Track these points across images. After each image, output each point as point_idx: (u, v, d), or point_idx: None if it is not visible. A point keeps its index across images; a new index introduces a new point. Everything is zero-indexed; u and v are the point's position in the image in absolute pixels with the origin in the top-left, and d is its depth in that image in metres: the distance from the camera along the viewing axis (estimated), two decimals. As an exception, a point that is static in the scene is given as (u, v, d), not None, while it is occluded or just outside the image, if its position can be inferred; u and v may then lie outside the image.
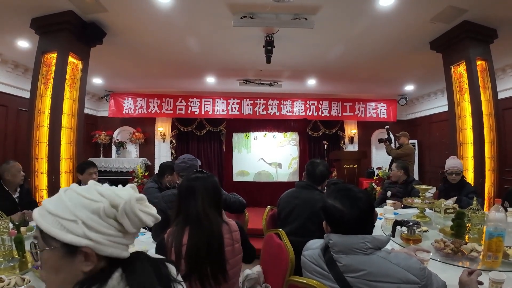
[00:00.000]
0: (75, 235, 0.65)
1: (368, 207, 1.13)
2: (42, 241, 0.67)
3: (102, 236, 0.66)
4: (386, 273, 1.02)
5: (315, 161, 2.35)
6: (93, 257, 0.66)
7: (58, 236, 0.64)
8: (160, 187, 2.88)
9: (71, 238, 0.64)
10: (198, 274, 1.29)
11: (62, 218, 0.66)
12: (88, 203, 0.68)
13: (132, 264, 0.70)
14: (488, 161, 3.60)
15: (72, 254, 0.66)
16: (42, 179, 3.32)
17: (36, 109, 3.36)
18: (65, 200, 0.68)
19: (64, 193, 0.70)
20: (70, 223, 0.65)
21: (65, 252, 0.65)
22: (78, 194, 0.69)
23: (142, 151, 7.45)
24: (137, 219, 0.70)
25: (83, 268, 0.66)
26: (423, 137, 7.40)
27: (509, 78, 4.93)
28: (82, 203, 0.68)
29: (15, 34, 3.78)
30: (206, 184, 1.46)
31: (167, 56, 4.72)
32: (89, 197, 0.68)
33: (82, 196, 0.69)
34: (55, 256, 0.66)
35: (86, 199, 0.68)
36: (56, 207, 0.67)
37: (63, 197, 0.69)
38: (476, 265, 1.54)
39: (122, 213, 0.68)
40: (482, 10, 3.17)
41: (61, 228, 0.65)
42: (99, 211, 0.67)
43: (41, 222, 0.66)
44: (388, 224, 2.22)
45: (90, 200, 0.68)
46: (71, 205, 0.67)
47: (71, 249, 0.65)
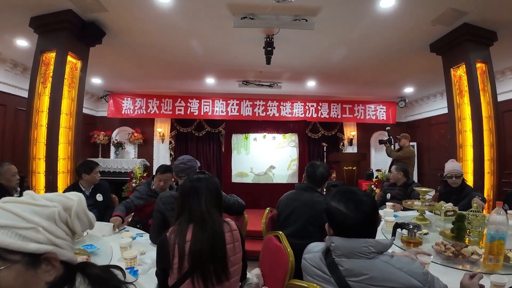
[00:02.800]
0: (38, 243, 0.61)
1: (373, 211, 1.11)
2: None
3: (61, 241, 0.65)
4: (389, 278, 1.01)
5: (315, 163, 2.34)
6: (56, 262, 0.63)
7: (21, 247, 0.59)
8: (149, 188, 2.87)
9: (35, 246, 0.60)
10: (200, 271, 1.30)
11: (19, 227, 0.60)
12: (40, 209, 0.64)
13: (87, 268, 0.69)
14: (487, 164, 3.60)
15: (35, 265, 0.61)
16: (40, 179, 3.29)
17: (34, 108, 3.33)
18: (14, 210, 0.62)
19: (5, 205, 0.64)
20: (29, 231, 0.61)
21: (27, 264, 0.60)
22: (24, 204, 0.64)
23: (141, 152, 7.43)
24: (87, 220, 0.70)
25: (46, 277, 0.62)
26: (422, 140, 7.41)
27: (509, 81, 4.94)
28: (34, 210, 0.64)
29: (14, 32, 3.77)
30: (208, 184, 1.48)
31: (166, 57, 4.71)
32: (38, 203, 0.65)
33: (30, 204, 0.65)
34: (16, 272, 0.59)
35: (36, 206, 0.64)
36: (6, 219, 0.61)
37: (8, 207, 0.63)
38: (477, 268, 1.53)
39: (75, 215, 0.67)
40: (482, 12, 3.18)
41: (21, 238, 0.60)
42: (54, 216, 0.65)
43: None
44: (388, 226, 2.21)
45: (41, 206, 0.65)
46: (24, 213, 0.62)
47: (34, 259, 0.61)
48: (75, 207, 0.67)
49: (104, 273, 0.71)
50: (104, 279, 0.69)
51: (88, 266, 0.71)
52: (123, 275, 0.74)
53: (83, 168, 2.93)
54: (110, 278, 0.70)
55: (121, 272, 0.75)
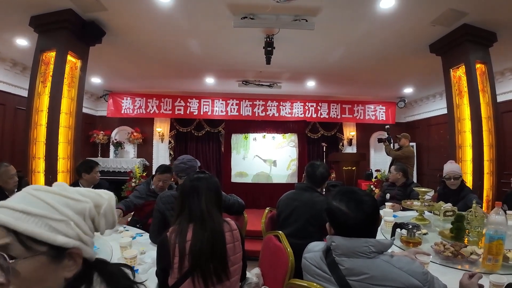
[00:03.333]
0: (67, 237, 0.60)
1: (373, 211, 1.12)
2: (20, 247, 0.56)
3: (87, 237, 0.64)
4: (389, 277, 1.01)
5: (315, 163, 2.34)
6: (80, 258, 0.62)
7: (50, 238, 0.57)
8: (148, 188, 2.87)
9: (63, 240, 0.59)
10: (201, 271, 1.30)
11: (50, 218, 0.59)
12: (73, 203, 0.63)
13: (102, 266, 0.68)
14: (486, 164, 3.61)
15: (58, 259, 0.59)
16: (39, 178, 3.29)
17: (34, 107, 3.33)
18: (47, 200, 0.61)
19: (38, 193, 0.62)
20: (60, 223, 0.60)
21: (51, 257, 0.58)
22: (57, 195, 0.63)
23: (140, 152, 7.43)
24: (112, 220, 0.69)
25: (66, 273, 0.60)
26: (421, 140, 7.42)
27: (508, 82, 4.95)
28: (67, 203, 0.63)
29: (14, 32, 3.76)
30: (208, 184, 1.48)
31: (166, 56, 4.71)
32: (72, 196, 0.64)
33: (63, 196, 0.63)
34: (38, 263, 0.57)
35: (69, 199, 0.63)
36: (38, 208, 0.59)
37: (41, 197, 0.61)
38: (476, 268, 1.54)
39: (103, 214, 0.67)
40: (482, 13, 3.19)
41: (51, 229, 0.58)
42: (84, 212, 0.64)
43: (23, 225, 0.56)
44: (387, 226, 2.21)
45: (74, 200, 0.64)
46: (57, 205, 0.61)
47: (59, 252, 0.59)
48: (105, 206, 0.67)
49: (118, 271, 0.70)
50: (118, 279, 0.68)
51: (104, 264, 0.70)
52: (133, 275, 0.74)
53: (83, 168, 2.93)
54: (123, 277, 0.70)
55: (130, 271, 0.75)
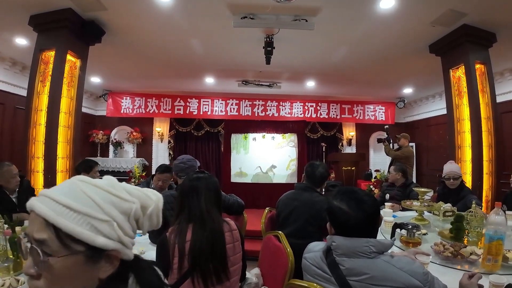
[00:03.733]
0: (107, 238, 0.56)
1: (374, 211, 1.12)
2: (58, 244, 0.53)
3: (127, 238, 0.60)
4: (390, 277, 1.01)
5: (315, 163, 2.34)
6: (117, 261, 0.59)
7: (90, 239, 0.54)
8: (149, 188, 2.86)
9: (104, 242, 0.55)
10: (200, 271, 1.30)
11: (93, 217, 0.55)
12: (119, 201, 0.59)
13: (137, 266, 0.65)
14: (486, 164, 3.61)
15: (95, 260, 0.56)
16: (38, 178, 3.28)
17: (33, 107, 3.32)
18: (93, 196, 0.57)
19: (84, 186, 0.58)
20: (102, 224, 0.56)
21: (88, 257, 0.55)
22: (104, 190, 0.59)
23: (140, 151, 7.42)
24: (156, 222, 0.66)
25: (101, 274, 0.57)
26: (421, 140, 7.43)
27: (507, 82, 4.96)
28: (113, 201, 0.59)
29: (13, 31, 3.75)
30: (208, 184, 1.48)
31: (166, 56, 4.71)
32: (119, 195, 0.60)
33: (110, 193, 0.59)
34: (73, 262, 0.54)
35: (116, 197, 0.59)
36: (82, 204, 0.55)
37: (87, 191, 0.57)
38: (475, 268, 1.54)
39: (149, 215, 0.63)
40: (482, 14, 3.19)
41: (93, 229, 0.55)
42: (129, 212, 0.60)
43: (63, 221, 0.53)
44: (387, 226, 2.21)
45: (121, 198, 0.60)
46: (102, 203, 0.57)
47: (97, 253, 0.56)
48: (151, 208, 0.63)
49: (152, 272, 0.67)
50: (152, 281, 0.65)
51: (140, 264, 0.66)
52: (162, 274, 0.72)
53: (82, 167, 2.92)
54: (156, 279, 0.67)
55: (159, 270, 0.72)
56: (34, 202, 0.56)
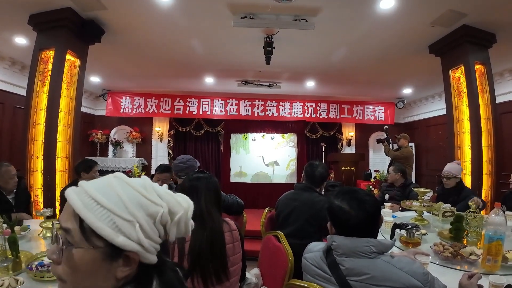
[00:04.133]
0: (127, 238, 0.55)
1: (375, 211, 1.12)
2: (80, 236, 0.55)
3: (150, 242, 0.59)
4: (390, 278, 1.01)
5: (314, 163, 2.34)
6: (134, 263, 0.58)
7: (110, 236, 0.54)
8: None
9: (123, 241, 0.55)
10: (200, 270, 1.30)
11: (118, 215, 0.55)
12: (147, 203, 0.58)
13: (161, 269, 0.64)
14: (485, 165, 3.62)
15: (113, 258, 0.56)
16: (38, 177, 3.28)
17: (32, 106, 3.32)
18: (121, 194, 0.57)
19: (115, 182, 0.59)
20: (126, 223, 0.55)
21: (106, 254, 0.55)
22: (134, 190, 0.59)
23: (139, 151, 7.41)
24: (184, 230, 0.64)
25: (118, 273, 0.57)
26: (420, 141, 7.43)
27: (507, 83, 4.97)
28: (141, 202, 0.58)
29: (13, 30, 3.75)
30: (208, 184, 1.48)
31: (166, 56, 4.70)
32: (149, 197, 0.59)
33: (140, 193, 0.59)
34: (92, 257, 0.55)
35: (145, 199, 0.58)
36: (110, 200, 0.56)
37: (116, 188, 0.58)
38: (475, 268, 1.54)
39: (176, 222, 0.61)
40: (482, 14, 3.19)
41: (114, 227, 0.55)
42: (156, 216, 0.59)
43: (89, 215, 0.54)
44: (387, 227, 2.21)
45: (150, 201, 0.59)
46: (129, 202, 0.57)
47: (116, 252, 0.56)
48: (180, 214, 0.61)
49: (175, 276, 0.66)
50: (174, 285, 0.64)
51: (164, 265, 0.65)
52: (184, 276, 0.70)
53: (82, 167, 2.91)
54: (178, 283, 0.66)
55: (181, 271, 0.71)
56: (70, 191, 0.57)
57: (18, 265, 1.52)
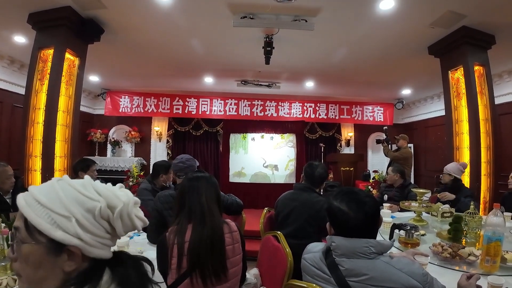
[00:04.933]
0: (65, 233, 0.60)
1: (374, 212, 1.12)
2: (25, 232, 0.61)
3: (91, 237, 0.62)
4: (389, 278, 1.01)
5: (314, 163, 2.34)
6: (78, 257, 0.61)
7: (48, 231, 0.59)
8: (154, 188, 2.84)
9: (61, 236, 0.59)
10: (200, 270, 1.29)
11: (54, 212, 0.60)
12: (84, 200, 0.63)
13: (118, 264, 0.66)
14: (484, 166, 3.63)
15: (56, 252, 0.60)
16: (36, 177, 3.26)
17: (31, 105, 3.31)
18: (59, 192, 0.62)
19: (57, 183, 0.64)
20: (62, 219, 0.60)
21: (49, 249, 0.60)
22: (73, 188, 0.64)
23: (138, 151, 7.39)
24: (130, 223, 0.67)
25: (65, 267, 0.61)
26: (419, 141, 7.45)
27: (506, 84, 4.98)
28: (78, 198, 0.62)
29: (12, 29, 3.73)
30: (208, 183, 1.48)
31: (165, 55, 4.70)
32: (86, 193, 0.63)
33: (77, 191, 0.63)
34: (37, 251, 0.60)
35: (82, 195, 0.63)
36: (48, 199, 0.61)
37: (56, 187, 0.63)
38: (474, 269, 1.54)
39: (118, 216, 0.64)
40: (481, 16, 3.20)
41: (52, 222, 0.60)
42: (94, 211, 0.62)
43: (29, 212, 0.60)
44: (385, 227, 2.21)
45: (86, 197, 0.63)
46: (65, 199, 0.61)
47: (57, 246, 0.60)
48: (119, 208, 0.64)
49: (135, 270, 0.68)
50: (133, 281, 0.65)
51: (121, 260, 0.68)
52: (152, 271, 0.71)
53: (80, 166, 2.91)
54: (140, 278, 0.67)
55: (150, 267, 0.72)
56: (19, 195, 0.63)
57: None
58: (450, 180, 3.11)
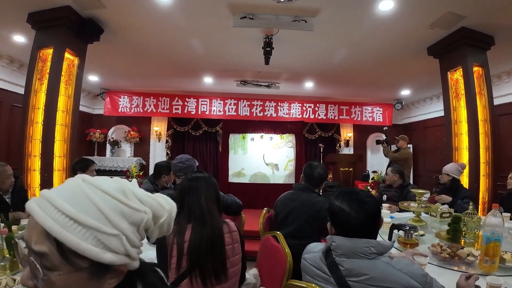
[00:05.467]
0: (115, 253, 0.50)
1: (375, 212, 1.13)
2: (60, 259, 0.47)
3: (135, 250, 0.54)
4: (389, 279, 1.02)
5: (313, 164, 2.34)
6: (123, 274, 0.54)
7: (96, 255, 0.48)
8: (156, 188, 2.84)
9: (111, 257, 0.49)
10: (199, 270, 1.29)
11: (101, 231, 0.48)
12: (129, 212, 0.52)
13: (143, 272, 0.60)
14: (483, 166, 3.64)
15: (100, 275, 0.51)
16: (35, 176, 3.26)
17: (30, 105, 3.30)
18: (101, 205, 0.50)
19: (90, 190, 0.51)
20: (111, 238, 0.49)
21: (92, 273, 0.50)
22: (112, 198, 0.52)
23: (137, 150, 7.38)
24: (166, 231, 0.61)
25: (105, 287, 0.53)
26: (418, 142, 7.46)
27: (505, 85, 4.99)
28: (123, 211, 0.52)
29: (11, 28, 3.73)
30: (207, 183, 1.48)
31: (164, 55, 4.69)
32: (130, 204, 0.53)
33: (120, 201, 0.52)
34: (77, 279, 0.49)
35: (127, 207, 0.52)
36: (89, 215, 0.49)
37: (93, 198, 0.50)
38: (472, 269, 1.54)
39: (159, 226, 0.58)
40: (480, 17, 3.21)
41: (99, 244, 0.48)
42: (140, 224, 0.54)
43: (66, 235, 0.47)
44: (384, 228, 2.21)
45: (131, 208, 0.53)
46: (111, 214, 0.50)
47: (103, 269, 0.50)
48: (164, 218, 0.58)
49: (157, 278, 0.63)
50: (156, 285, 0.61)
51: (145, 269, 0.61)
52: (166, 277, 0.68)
53: (79, 166, 2.90)
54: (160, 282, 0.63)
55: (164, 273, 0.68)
56: (34, 207, 0.49)
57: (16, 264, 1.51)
58: (448, 181, 3.13)
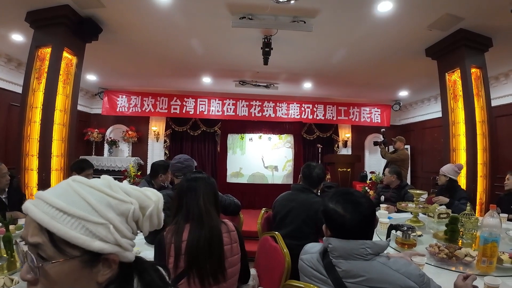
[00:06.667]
0: (104, 242, 0.54)
1: (370, 213, 1.12)
2: (52, 249, 0.52)
3: (126, 241, 0.58)
4: (386, 279, 1.02)
5: (312, 164, 2.34)
6: (115, 264, 0.57)
7: (85, 243, 0.52)
8: (153, 188, 2.82)
9: (100, 245, 0.53)
10: (197, 270, 1.29)
11: (89, 221, 0.53)
12: (116, 203, 0.57)
13: (141, 268, 0.63)
14: (480, 168, 3.65)
15: (92, 264, 0.54)
16: (32, 176, 3.25)
17: (28, 104, 3.28)
18: (87, 198, 0.55)
19: (78, 187, 0.56)
20: (98, 227, 0.54)
21: (85, 262, 0.54)
22: (99, 191, 0.57)
23: (135, 150, 7.37)
24: (157, 222, 0.64)
25: (99, 278, 0.56)
26: (415, 143, 7.49)
27: (502, 86, 5.02)
28: (109, 202, 0.57)
29: (10, 27, 3.71)
30: (206, 184, 1.48)
31: (163, 55, 4.69)
32: (116, 196, 0.58)
33: (106, 194, 0.57)
34: (70, 268, 0.52)
35: (113, 198, 0.57)
36: (77, 206, 0.53)
37: (81, 192, 0.55)
38: (470, 270, 1.55)
39: (148, 216, 0.61)
40: (479, 18, 3.22)
41: (87, 233, 0.53)
42: (127, 214, 0.58)
43: (55, 225, 0.51)
44: (382, 228, 2.22)
45: (118, 200, 0.58)
46: (97, 205, 0.55)
47: (94, 257, 0.54)
48: (151, 209, 0.61)
49: (156, 274, 0.65)
50: (155, 282, 0.63)
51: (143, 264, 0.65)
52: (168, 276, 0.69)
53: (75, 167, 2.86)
54: (161, 281, 0.65)
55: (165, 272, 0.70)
56: (29, 205, 0.54)
57: (13, 264, 1.50)
58: (445, 181, 3.15)
